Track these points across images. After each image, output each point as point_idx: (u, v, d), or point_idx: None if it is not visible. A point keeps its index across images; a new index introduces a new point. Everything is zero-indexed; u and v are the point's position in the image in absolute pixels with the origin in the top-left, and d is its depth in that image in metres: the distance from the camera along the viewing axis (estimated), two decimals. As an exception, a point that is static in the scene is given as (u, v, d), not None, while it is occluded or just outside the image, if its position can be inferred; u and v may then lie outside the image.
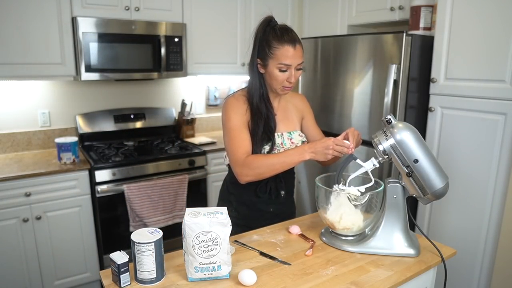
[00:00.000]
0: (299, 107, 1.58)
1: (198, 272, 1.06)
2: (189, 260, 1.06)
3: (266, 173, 1.33)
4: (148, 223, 2.43)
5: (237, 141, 1.37)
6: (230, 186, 1.57)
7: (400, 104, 2.04)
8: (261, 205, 1.53)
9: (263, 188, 1.50)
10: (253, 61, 1.40)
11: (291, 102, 1.56)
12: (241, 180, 1.36)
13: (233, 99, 1.44)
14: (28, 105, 2.58)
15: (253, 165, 1.32)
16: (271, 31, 1.36)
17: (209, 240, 1.04)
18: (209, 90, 3.28)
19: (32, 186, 2.15)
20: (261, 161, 1.32)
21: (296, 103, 1.57)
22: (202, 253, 1.04)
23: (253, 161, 1.32)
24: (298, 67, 1.37)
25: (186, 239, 1.04)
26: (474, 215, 1.90)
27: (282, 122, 1.49)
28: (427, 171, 1.15)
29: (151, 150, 2.66)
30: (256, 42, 1.38)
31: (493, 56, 1.75)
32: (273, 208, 1.54)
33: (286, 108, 1.53)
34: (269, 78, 1.39)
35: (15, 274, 2.17)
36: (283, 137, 1.47)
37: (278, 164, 1.31)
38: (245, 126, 1.40)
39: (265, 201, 1.52)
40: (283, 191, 1.53)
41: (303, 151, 1.29)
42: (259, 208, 1.53)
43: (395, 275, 1.12)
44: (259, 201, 1.52)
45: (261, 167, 1.32)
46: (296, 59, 1.34)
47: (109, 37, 2.40)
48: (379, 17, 2.49)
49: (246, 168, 1.33)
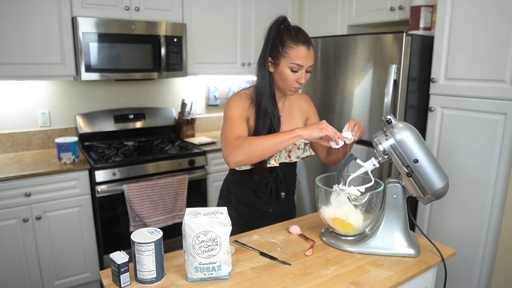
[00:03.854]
0: (304, 109, 1.57)
1: (198, 272, 1.06)
2: (189, 260, 1.06)
3: (257, 151, 1.27)
4: (148, 223, 2.43)
5: (232, 128, 1.35)
6: (231, 185, 1.57)
7: (400, 104, 2.04)
8: (261, 205, 1.53)
9: (263, 188, 1.50)
10: (264, 60, 1.38)
11: (295, 103, 1.55)
12: (231, 161, 1.29)
13: (237, 96, 1.44)
14: (28, 105, 2.58)
15: (244, 144, 1.28)
16: (285, 30, 1.35)
17: (209, 240, 1.04)
18: (209, 90, 3.28)
19: (32, 186, 2.15)
20: (253, 140, 1.28)
21: (300, 104, 1.56)
22: (202, 253, 1.04)
23: (244, 140, 1.29)
24: (309, 69, 1.36)
25: (186, 239, 1.04)
26: (474, 215, 1.90)
27: (286, 123, 1.48)
28: (427, 171, 1.15)
29: (151, 150, 2.66)
30: (268, 41, 1.37)
31: (493, 56, 1.75)
32: (272, 209, 1.54)
33: (290, 109, 1.52)
34: (279, 78, 1.38)
35: (15, 274, 2.17)
36: None
37: (269, 141, 1.26)
38: (244, 120, 1.39)
39: (265, 202, 1.52)
40: (284, 192, 1.53)
41: (295, 129, 1.26)
42: (259, 208, 1.53)
43: (395, 275, 1.12)
44: (259, 201, 1.52)
45: (252, 145, 1.26)
46: (309, 60, 1.34)
47: (109, 37, 2.40)
48: (379, 17, 2.48)
49: (237, 148, 1.28)
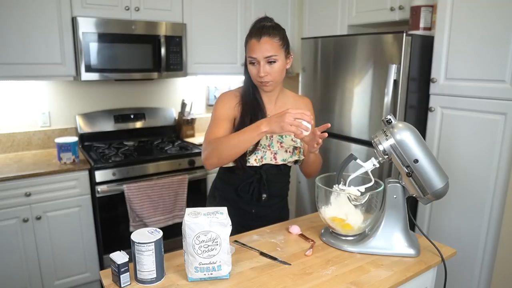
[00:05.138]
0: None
1: (198, 272, 1.06)
2: (189, 260, 1.05)
3: (225, 151, 1.27)
4: (148, 223, 2.43)
5: (213, 130, 1.39)
6: (217, 181, 1.59)
7: (400, 104, 2.04)
8: (243, 204, 1.51)
9: (246, 187, 1.48)
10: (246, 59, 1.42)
11: (292, 105, 1.52)
12: (206, 164, 1.33)
13: (224, 94, 1.47)
14: (28, 105, 2.58)
15: (213, 145, 1.29)
16: (250, 28, 1.38)
17: (209, 240, 1.04)
18: (209, 90, 3.28)
19: (32, 186, 2.15)
20: (220, 140, 1.29)
21: (297, 107, 1.50)
22: (202, 253, 1.04)
23: (214, 141, 1.31)
24: (269, 59, 1.32)
25: (186, 239, 1.04)
26: (474, 215, 1.90)
27: None
28: (427, 171, 1.15)
29: (151, 150, 2.66)
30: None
31: (493, 56, 1.75)
32: (255, 210, 1.52)
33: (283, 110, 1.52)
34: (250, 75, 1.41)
35: (15, 274, 2.17)
36: (272, 140, 1.44)
37: (235, 139, 1.25)
38: (229, 120, 1.41)
39: (247, 202, 1.50)
40: (265, 194, 1.49)
41: (260, 123, 1.22)
42: (241, 207, 1.51)
43: (395, 275, 1.12)
44: (241, 200, 1.50)
45: (219, 146, 1.27)
46: (262, 52, 1.31)
47: (109, 37, 2.40)
48: (379, 17, 2.48)
49: (209, 149, 1.31)
